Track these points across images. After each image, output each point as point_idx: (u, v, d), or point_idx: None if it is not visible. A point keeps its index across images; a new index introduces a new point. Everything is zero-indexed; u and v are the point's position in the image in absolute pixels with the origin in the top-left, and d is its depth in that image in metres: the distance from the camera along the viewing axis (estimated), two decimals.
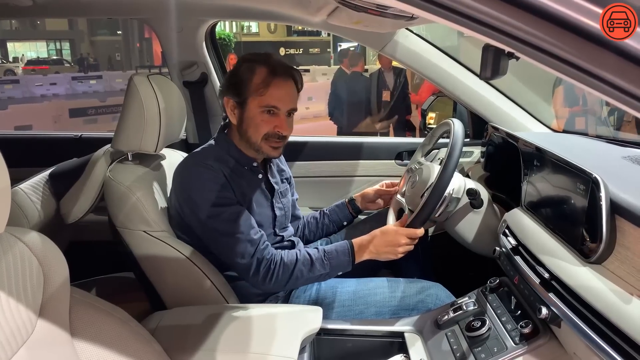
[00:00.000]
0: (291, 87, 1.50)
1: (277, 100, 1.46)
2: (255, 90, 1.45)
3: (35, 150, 2.49)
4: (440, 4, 0.56)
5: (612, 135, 2.72)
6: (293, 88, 1.50)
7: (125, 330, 0.99)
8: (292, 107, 1.50)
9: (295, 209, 1.84)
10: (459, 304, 1.38)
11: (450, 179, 1.46)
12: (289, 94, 1.49)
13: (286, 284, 1.44)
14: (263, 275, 1.41)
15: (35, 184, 1.68)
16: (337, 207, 1.87)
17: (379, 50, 2.07)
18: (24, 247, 0.84)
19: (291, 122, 1.53)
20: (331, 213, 1.87)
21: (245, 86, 1.46)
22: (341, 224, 1.87)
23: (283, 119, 1.48)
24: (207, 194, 1.42)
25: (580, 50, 0.54)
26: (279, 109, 1.46)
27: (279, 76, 1.46)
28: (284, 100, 1.47)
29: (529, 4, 0.53)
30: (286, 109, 1.48)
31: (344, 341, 1.43)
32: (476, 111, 2.06)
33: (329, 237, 1.90)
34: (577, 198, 1.07)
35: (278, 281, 1.42)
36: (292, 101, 1.50)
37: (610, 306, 0.88)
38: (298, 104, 1.53)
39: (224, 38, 17.93)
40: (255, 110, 1.46)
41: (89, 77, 19.06)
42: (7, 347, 0.77)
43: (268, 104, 1.45)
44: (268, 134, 1.48)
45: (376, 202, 1.84)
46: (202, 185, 1.43)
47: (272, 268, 1.41)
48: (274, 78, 1.45)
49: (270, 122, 1.47)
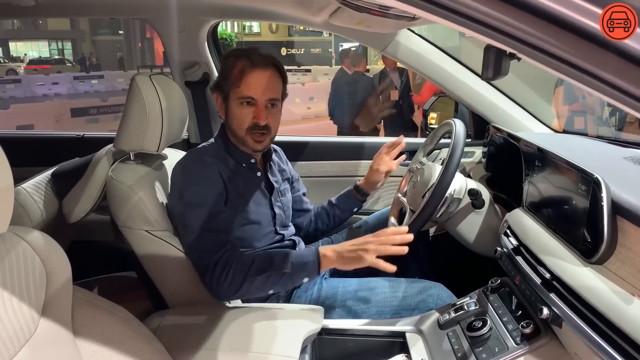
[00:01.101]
0: (269, 77, 1.47)
1: (252, 90, 1.45)
2: (233, 83, 1.46)
3: (37, 149, 2.50)
4: (441, 4, 0.57)
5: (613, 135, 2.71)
6: (272, 78, 1.48)
7: (127, 329, 0.99)
8: (270, 97, 1.47)
9: (303, 202, 1.84)
10: (460, 304, 1.38)
11: (451, 180, 1.46)
12: (266, 83, 1.46)
13: (242, 284, 1.32)
14: (217, 277, 1.32)
15: (38, 184, 1.69)
16: (344, 196, 1.86)
17: (380, 50, 2.07)
18: (26, 246, 0.84)
19: (274, 113, 1.51)
20: (340, 202, 1.86)
21: (227, 80, 1.48)
22: (351, 211, 1.86)
23: (261, 109, 1.46)
24: (190, 187, 1.42)
25: (581, 50, 0.54)
26: (255, 99, 1.46)
27: (255, 66, 1.45)
28: (258, 90, 1.45)
29: (529, 5, 0.53)
30: (264, 99, 1.46)
31: (345, 341, 1.44)
32: (477, 111, 2.07)
33: (330, 237, 1.91)
34: (579, 198, 1.07)
35: (233, 282, 1.32)
36: (270, 91, 1.47)
37: (612, 306, 0.89)
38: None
39: (225, 38, 17.96)
40: (235, 103, 1.48)
41: (91, 76, 19.07)
42: (9, 346, 0.77)
43: (244, 94, 1.46)
44: (250, 126, 1.47)
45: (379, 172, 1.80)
46: (189, 179, 1.44)
47: (227, 268, 1.32)
48: (249, 68, 1.45)
49: (250, 113, 1.47)
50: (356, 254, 1.32)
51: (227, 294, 1.35)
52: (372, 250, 1.31)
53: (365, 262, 1.31)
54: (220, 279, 1.32)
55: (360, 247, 1.32)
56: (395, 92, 5.40)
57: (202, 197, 1.41)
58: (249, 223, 1.53)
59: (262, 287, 1.35)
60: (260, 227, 1.55)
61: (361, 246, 1.32)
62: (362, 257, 1.31)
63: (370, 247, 1.31)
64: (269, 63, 1.47)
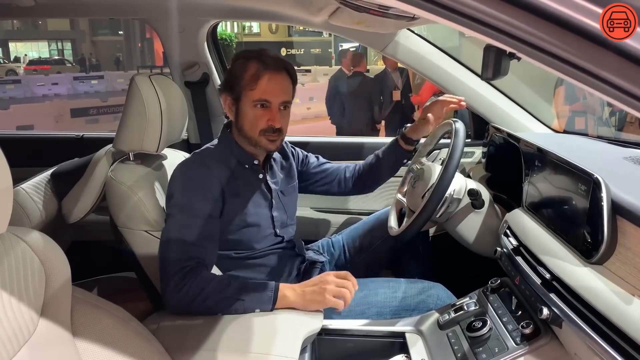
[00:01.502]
0: (282, 80, 1.48)
1: (267, 94, 1.45)
2: (247, 85, 1.46)
3: (37, 150, 2.50)
4: (441, 4, 0.57)
5: (613, 135, 2.71)
6: (285, 81, 1.49)
7: (126, 329, 0.99)
8: (284, 100, 1.48)
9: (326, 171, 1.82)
10: (460, 304, 1.38)
11: (451, 180, 1.46)
12: (280, 86, 1.48)
13: (194, 299, 1.27)
14: (173, 286, 1.27)
15: (37, 184, 1.69)
16: (389, 148, 1.80)
17: (380, 50, 2.07)
18: (25, 246, 0.84)
19: (286, 115, 1.52)
20: (386, 156, 1.80)
21: (239, 82, 1.47)
22: (401, 162, 1.81)
23: (275, 112, 1.47)
24: (181, 191, 1.42)
25: (581, 50, 0.54)
26: (270, 102, 1.46)
27: (269, 70, 1.45)
28: (274, 93, 1.46)
29: (530, 4, 0.53)
30: (278, 102, 1.47)
31: (345, 341, 1.43)
32: (477, 111, 2.07)
33: (330, 238, 1.91)
34: (579, 199, 1.07)
35: (187, 295, 1.26)
36: (284, 94, 1.48)
37: (612, 307, 0.88)
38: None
39: (225, 38, 17.95)
40: (249, 105, 1.47)
41: (91, 77, 19.07)
42: (8, 347, 0.77)
43: (259, 97, 1.46)
44: (264, 129, 1.47)
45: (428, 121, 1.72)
46: (183, 181, 1.44)
47: (185, 280, 1.27)
48: (264, 71, 1.45)
49: (264, 115, 1.47)
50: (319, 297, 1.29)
51: (178, 305, 1.30)
52: (330, 290, 1.29)
53: (327, 303, 1.29)
54: (176, 289, 1.27)
55: (321, 288, 1.30)
56: (397, 93, 5.40)
57: (189, 204, 1.39)
58: (247, 225, 1.52)
59: (214, 306, 1.29)
60: (259, 230, 1.55)
61: (322, 285, 1.30)
62: (324, 299, 1.29)
63: (329, 287, 1.29)
64: (282, 66, 1.48)
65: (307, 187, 1.82)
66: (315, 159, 1.83)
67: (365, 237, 1.83)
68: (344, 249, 1.85)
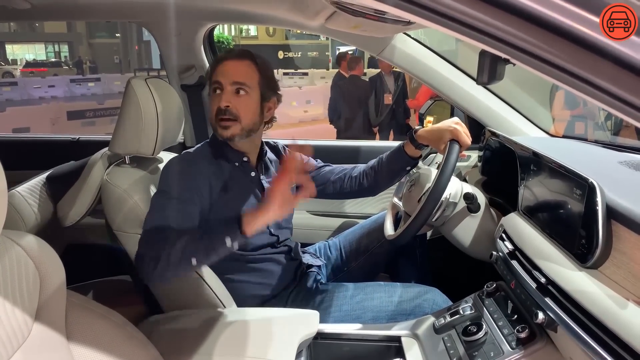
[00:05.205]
0: (238, 64, 1.49)
1: (219, 75, 1.48)
2: (210, 75, 1.51)
3: (32, 152, 2.49)
4: (436, 10, 0.57)
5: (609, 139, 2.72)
6: (244, 66, 1.49)
7: (121, 334, 0.99)
8: (234, 80, 1.46)
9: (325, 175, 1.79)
10: (456, 308, 1.38)
11: (447, 184, 1.46)
12: (234, 68, 1.48)
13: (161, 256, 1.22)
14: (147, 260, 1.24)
15: (33, 187, 1.68)
16: (393, 154, 1.71)
17: (376, 54, 2.08)
18: (20, 250, 0.84)
19: (244, 100, 1.47)
20: (389, 161, 1.72)
21: (210, 77, 1.52)
22: (404, 169, 1.71)
23: (226, 93, 1.47)
24: (163, 180, 1.43)
25: (576, 57, 0.54)
26: (221, 82, 1.47)
27: (229, 57, 1.49)
28: (224, 74, 1.47)
29: (523, 11, 0.54)
30: (228, 82, 1.46)
31: (341, 345, 1.43)
32: (473, 115, 2.07)
33: (327, 241, 1.90)
34: (574, 203, 1.08)
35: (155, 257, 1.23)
36: (236, 75, 1.47)
37: (606, 311, 0.89)
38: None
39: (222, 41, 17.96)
40: (210, 94, 1.51)
41: (87, 79, 19.07)
42: (2, 351, 0.77)
43: (213, 80, 1.49)
44: (216, 112, 1.48)
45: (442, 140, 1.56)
46: (167, 174, 1.44)
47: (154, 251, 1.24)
48: (223, 59, 1.49)
49: (217, 98, 1.48)
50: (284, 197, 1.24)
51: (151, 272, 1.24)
52: None
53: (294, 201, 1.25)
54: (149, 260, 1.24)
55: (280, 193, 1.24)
56: (388, 96, 5.42)
57: (169, 189, 1.39)
58: None
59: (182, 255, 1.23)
60: None
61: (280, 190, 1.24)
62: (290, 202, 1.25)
63: None
64: (246, 55, 1.50)
65: None
66: (314, 162, 1.83)
67: (361, 240, 1.83)
68: (341, 253, 1.85)
